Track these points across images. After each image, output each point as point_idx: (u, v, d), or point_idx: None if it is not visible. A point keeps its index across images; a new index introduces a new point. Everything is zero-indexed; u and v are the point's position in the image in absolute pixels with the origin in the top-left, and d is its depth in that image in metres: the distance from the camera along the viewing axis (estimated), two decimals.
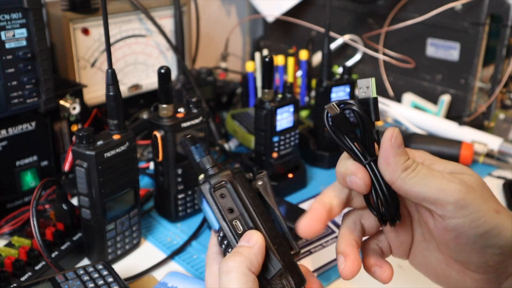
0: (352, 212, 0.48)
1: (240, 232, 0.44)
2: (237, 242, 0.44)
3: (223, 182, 0.45)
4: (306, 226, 0.44)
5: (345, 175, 0.44)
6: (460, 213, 0.39)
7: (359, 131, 0.44)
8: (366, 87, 0.44)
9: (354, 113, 0.44)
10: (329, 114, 0.44)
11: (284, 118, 0.83)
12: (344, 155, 0.46)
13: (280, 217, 0.47)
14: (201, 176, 0.47)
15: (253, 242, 0.43)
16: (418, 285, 0.67)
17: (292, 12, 1.26)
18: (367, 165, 0.44)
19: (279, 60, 1.13)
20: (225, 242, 0.45)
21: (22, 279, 0.62)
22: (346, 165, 0.44)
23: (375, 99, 0.44)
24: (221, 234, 0.45)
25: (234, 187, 0.45)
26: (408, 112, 1.10)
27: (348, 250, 0.45)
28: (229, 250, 0.44)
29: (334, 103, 0.44)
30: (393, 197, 0.43)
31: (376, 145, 0.45)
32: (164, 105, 0.72)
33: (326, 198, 0.46)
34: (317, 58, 1.23)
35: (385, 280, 0.47)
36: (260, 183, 0.47)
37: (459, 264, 0.43)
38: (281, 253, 0.44)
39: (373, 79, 0.44)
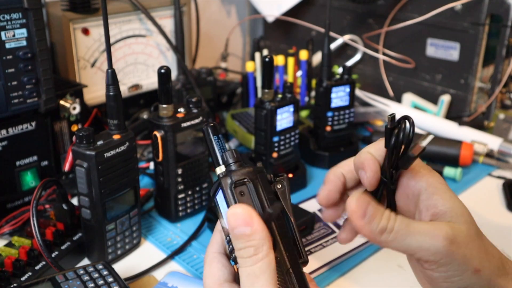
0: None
1: None
2: None
3: (245, 180, 0.44)
4: (324, 196, 0.48)
5: (357, 167, 0.46)
6: (439, 269, 0.41)
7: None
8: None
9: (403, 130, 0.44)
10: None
11: (284, 118, 0.83)
12: (371, 144, 0.47)
13: (293, 224, 0.46)
14: (221, 169, 0.46)
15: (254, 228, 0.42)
16: (418, 285, 0.67)
17: (292, 12, 1.26)
18: (382, 179, 0.45)
19: (279, 60, 1.13)
20: None
21: (22, 279, 0.62)
22: (362, 156, 0.46)
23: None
24: None
25: (255, 186, 0.44)
26: (408, 112, 1.10)
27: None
28: None
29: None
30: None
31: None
32: (164, 105, 0.72)
33: (339, 170, 0.49)
34: (317, 58, 1.23)
35: (340, 240, 0.50)
36: (279, 186, 0.46)
37: None
38: (291, 260, 0.43)
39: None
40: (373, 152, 0.46)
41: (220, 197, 0.45)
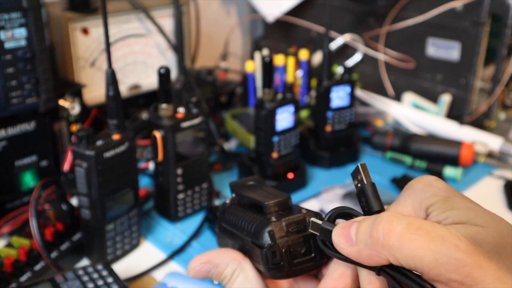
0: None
1: None
2: None
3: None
4: None
5: None
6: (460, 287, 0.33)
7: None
8: (358, 177, 0.39)
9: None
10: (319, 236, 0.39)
11: (284, 118, 0.82)
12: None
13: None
14: None
15: None
16: None
17: (292, 12, 1.26)
18: (380, 271, 0.36)
19: (279, 60, 1.13)
20: None
21: (22, 279, 0.62)
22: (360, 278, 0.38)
23: (372, 185, 0.38)
24: None
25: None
26: (409, 112, 1.10)
27: None
28: None
29: (312, 220, 0.39)
30: None
31: None
32: (164, 105, 0.72)
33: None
34: (317, 58, 1.23)
35: None
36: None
37: None
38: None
39: (364, 165, 0.39)
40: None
41: None
